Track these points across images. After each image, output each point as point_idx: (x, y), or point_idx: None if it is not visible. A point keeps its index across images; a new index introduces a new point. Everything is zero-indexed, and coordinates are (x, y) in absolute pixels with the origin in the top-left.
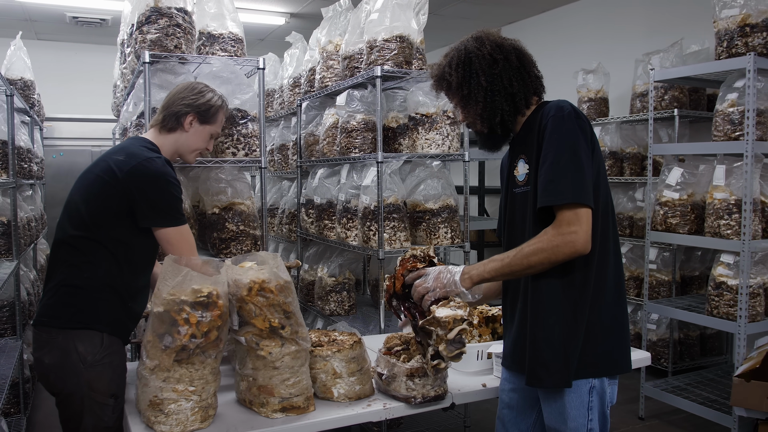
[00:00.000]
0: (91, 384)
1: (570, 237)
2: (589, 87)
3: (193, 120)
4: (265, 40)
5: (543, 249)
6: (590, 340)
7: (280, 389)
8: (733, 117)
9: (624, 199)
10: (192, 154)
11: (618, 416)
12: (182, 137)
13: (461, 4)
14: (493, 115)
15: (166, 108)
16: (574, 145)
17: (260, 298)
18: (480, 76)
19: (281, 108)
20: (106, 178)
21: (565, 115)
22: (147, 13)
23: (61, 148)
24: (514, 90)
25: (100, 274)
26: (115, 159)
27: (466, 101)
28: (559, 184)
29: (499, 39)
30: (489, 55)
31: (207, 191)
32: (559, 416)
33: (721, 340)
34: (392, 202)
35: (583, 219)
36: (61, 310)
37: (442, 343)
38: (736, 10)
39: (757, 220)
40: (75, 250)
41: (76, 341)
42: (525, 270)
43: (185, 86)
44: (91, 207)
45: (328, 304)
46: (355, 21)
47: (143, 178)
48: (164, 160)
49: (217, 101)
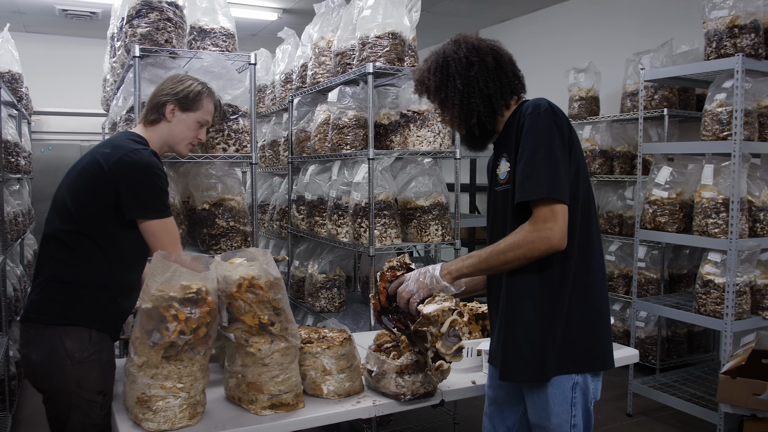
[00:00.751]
0: (79, 381)
1: (545, 233)
2: (580, 86)
3: (174, 108)
4: (257, 36)
5: (519, 245)
6: (572, 336)
7: (269, 386)
8: (722, 117)
9: (614, 197)
10: (182, 144)
11: (606, 413)
12: (167, 128)
13: (453, 2)
14: (470, 116)
15: (149, 101)
16: (549, 142)
17: (250, 294)
18: (456, 79)
19: (273, 104)
20: (92, 171)
21: (541, 112)
22: (138, 7)
23: (49, 143)
24: (490, 91)
25: (89, 269)
26: (101, 152)
27: (444, 104)
28: (535, 179)
29: (476, 41)
30: (465, 58)
31: (197, 187)
32: (543, 412)
33: (708, 337)
34: (383, 199)
35: (559, 215)
36: (49, 305)
37: (439, 341)
38: (725, 12)
39: (744, 219)
40: (63, 244)
41: (64, 337)
42: (502, 265)
43: (167, 78)
44: (78, 200)
45: (319, 300)
46: (348, 17)
47: (129, 169)
48: (151, 151)
49: (197, 87)
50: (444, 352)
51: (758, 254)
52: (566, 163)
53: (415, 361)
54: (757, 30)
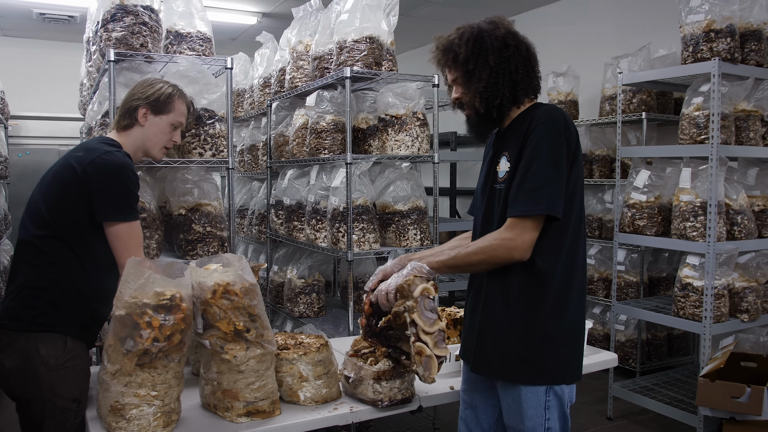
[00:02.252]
0: (53, 388)
1: (509, 243)
2: (559, 89)
3: (146, 112)
4: (236, 40)
5: (483, 250)
6: (551, 348)
7: (245, 393)
8: (699, 121)
9: (593, 201)
10: (156, 149)
11: (586, 416)
12: (141, 132)
13: (432, 6)
14: (494, 96)
15: (121, 107)
16: (558, 158)
17: (225, 300)
18: (489, 55)
19: (251, 108)
20: (66, 176)
21: (555, 124)
22: (112, 11)
23: (26, 147)
24: (519, 78)
25: (64, 274)
26: (74, 156)
27: (470, 77)
28: (541, 194)
29: (513, 28)
30: (502, 38)
31: (173, 192)
32: (517, 415)
33: (688, 340)
34: (361, 204)
35: (528, 228)
36: (23, 312)
37: (415, 312)
38: (702, 16)
39: (721, 223)
40: (38, 250)
41: (38, 344)
42: (467, 267)
43: (137, 82)
44: (52, 205)
45: (298, 305)
46: (326, 21)
47: (101, 171)
48: (124, 153)
49: (167, 89)
50: (421, 325)
51: (736, 257)
52: (566, 179)
53: (393, 367)
54: (732, 34)
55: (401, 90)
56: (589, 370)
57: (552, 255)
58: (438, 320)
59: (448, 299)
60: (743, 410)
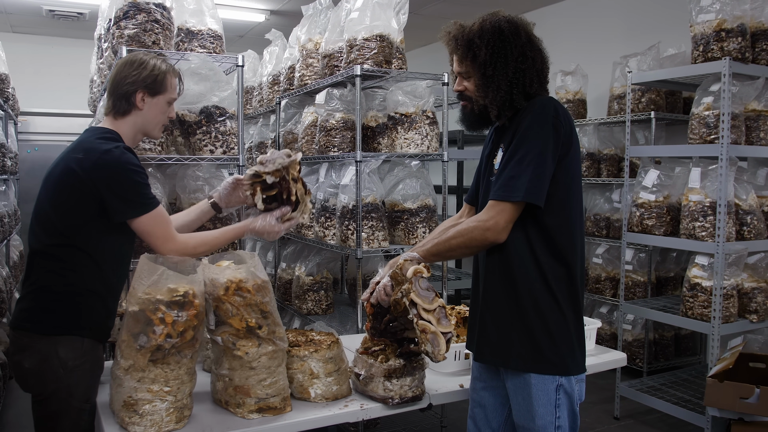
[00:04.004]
0: (71, 389)
1: (485, 224)
2: (567, 88)
3: (144, 96)
4: (244, 37)
5: (461, 234)
6: (553, 338)
7: (256, 389)
8: (709, 120)
9: (601, 200)
10: (156, 129)
11: (593, 416)
12: (140, 116)
13: (441, 4)
14: (509, 108)
15: (113, 92)
16: (543, 146)
17: (237, 297)
18: (509, 63)
19: (260, 105)
20: (70, 181)
21: (545, 112)
22: (125, 8)
23: (36, 143)
24: (533, 90)
25: (81, 279)
26: (74, 158)
27: (487, 83)
28: (518, 180)
29: (532, 34)
30: (521, 47)
31: (184, 189)
32: (527, 413)
33: (695, 340)
34: (371, 202)
35: (506, 211)
36: (43, 315)
37: (412, 292)
38: (712, 16)
39: (731, 223)
40: (53, 257)
41: (58, 347)
42: (448, 252)
43: (124, 63)
44: (61, 213)
45: (306, 303)
46: (336, 19)
47: (105, 172)
48: (122, 147)
49: (161, 66)
50: (421, 303)
51: (745, 257)
52: (552, 167)
53: (403, 364)
54: (744, 34)
55: (411, 88)
56: (596, 369)
57: (551, 244)
58: (436, 297)
59: (454, 297)
60: (752, 411)
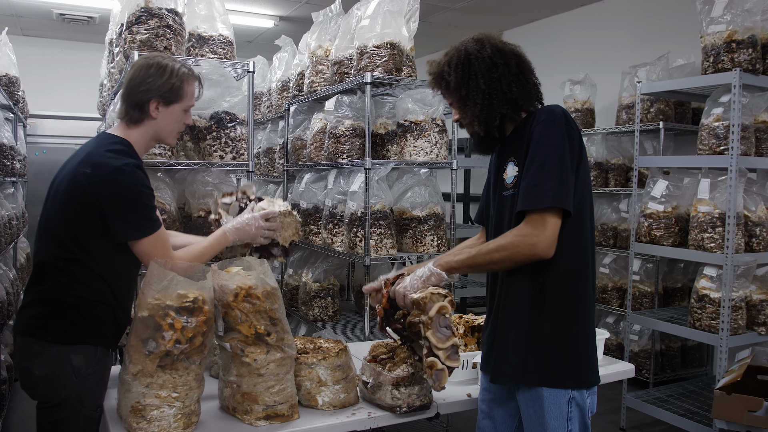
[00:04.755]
0: (81, 398)
1: (531, 239)
2: (575, 98)
3: (158, 105)
4: (253, 43)
5: (504, 247)
6: (567, 351)
7: (264, 396)
8: (718, 131)
9: (608, 210)
10: (171, 137)
11: (599, 427)
12: (153, 125)
13: (451, 12)
14: (492, 118)
15: (126, 98)
16: (561, 152)
17: (246, 304)
18: (479, 78)
19: (269, 111)
20: (77, 197)
21: (556, 120)
22: (137, 14)
23: (44, 146)
24: (514, 95)
25: (90, 291)
26: (82, 172)
27: (464, 102)
28: (541, 188)
29: (500, 43)
30: (489, 59)
31: (193, 194)
32: (539, 426)
33: (702, 351)
34: (379, 209)
35: (550, 223)
36: (53, 323)
37: (429, 329)
38: (723, 27)
39: (740, 234)
40: (60, 270)
41: (71, 355)
42: (488, 265)
43: (140, 67)
44: (67, 226)
45: (312, 309)
46: (346, 26)
47: (113, 193)
48: (132, 165)
49: (179, 72)
50: (435, 342)
51: (754, 269)
52: (573, 174)
53: (412, 373)
54: (754, 45)
55: (420, 96)
56: (604, 380)
57: (567, 258)
58: (452, 336)
59: (460, 305)
60: (760, 424)
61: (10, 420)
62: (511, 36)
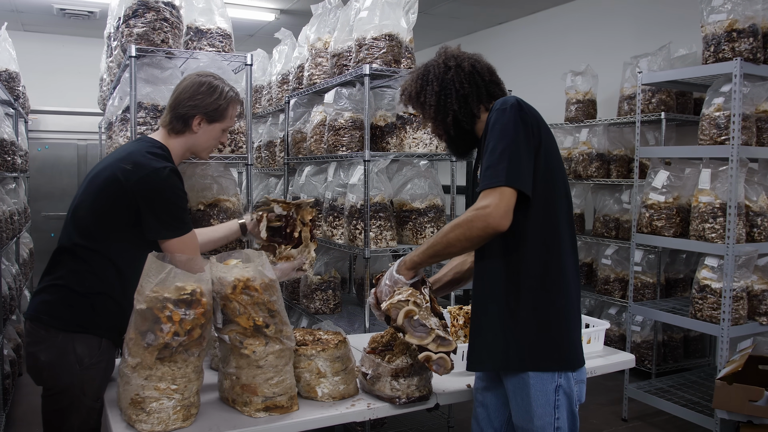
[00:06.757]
0: (83, 387)
1: (483, 211)
2: (577, 89)
3: (201, 121)
4: (254, 36)
5: (459, 224)
6: (551, 333)
7: (263, 388)
8: (719, 121)
9: (610, 200)
10: (206, 152)
11: (601, 417)
12: (192, 138)
13: (451, 4)
14: (445, 115)
15: (173, 108)
16: (514, 135)
17: (245, 296)
18: (434, 82)
19: (269, 104)
20: (113, 190)
21: (507, 107)
22: (134, 7)
23: (46, 141)
24: (465, 92)
25: (100, 282)
26: (122, 168)
27: (424, 108)
28: (495, 169)
29: (456, 51)
30: (443, 63)
31: (192, 187)
32: (526, 414)
33: (704, 342)
34: (379, 201)
35: (503, 196)
36: (62, 311)
37: (406, 333)
38: (724, 16)
39: (741, 224)
40: (78, 258)
41: (76, 343)
42: (446, 248)
43: (192, 83)
44: (100, 220)
45: (314, 302)
46: (345, 19)
47: (150, 191)
48: (171, 168)
49: (227, 95)
50: (417, 342)
51: (755, 259)
52: (530, 155)
53: (411, 364)
54: (755, 34)
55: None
56: (605, 370)
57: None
58: (431, 330)
59: (463, 297)
60: (761, 414)
61: (14, 414)
62: (513, 27)
